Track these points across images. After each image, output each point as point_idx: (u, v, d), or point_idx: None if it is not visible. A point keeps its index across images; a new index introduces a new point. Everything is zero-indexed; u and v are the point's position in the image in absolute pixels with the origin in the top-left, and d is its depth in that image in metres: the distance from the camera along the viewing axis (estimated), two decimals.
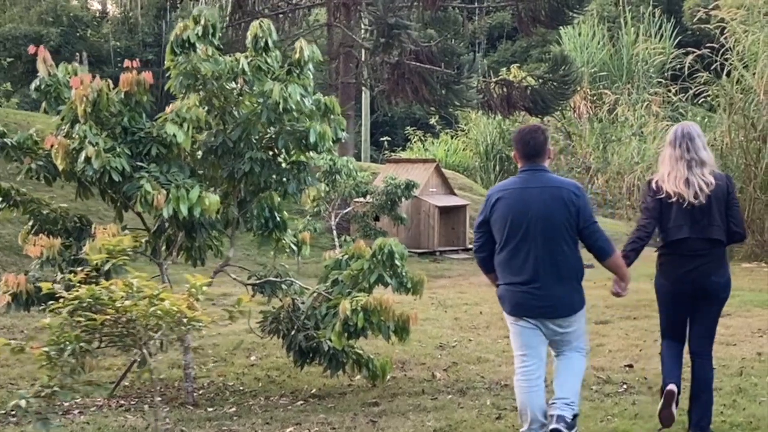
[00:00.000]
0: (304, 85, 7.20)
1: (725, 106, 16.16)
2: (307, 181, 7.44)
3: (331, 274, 7.39)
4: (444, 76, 19.84)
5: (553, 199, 5.46)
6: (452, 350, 9.19)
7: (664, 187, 5.78)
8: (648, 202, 5.94)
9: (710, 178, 5.72)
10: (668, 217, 5.78)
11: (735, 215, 5.85)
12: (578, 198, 5.47)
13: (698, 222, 5.72)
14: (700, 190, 5.69)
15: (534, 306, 5.48)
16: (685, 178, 5.73)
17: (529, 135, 5.65)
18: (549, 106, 23.27)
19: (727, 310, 10.83)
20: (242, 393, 7.87)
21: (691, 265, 5.75)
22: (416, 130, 34.76)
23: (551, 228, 5.42)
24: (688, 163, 5.76)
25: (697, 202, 5.68)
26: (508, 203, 5.55)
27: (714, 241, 5.75)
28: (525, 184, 5.58)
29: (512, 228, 5.49)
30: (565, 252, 5.44)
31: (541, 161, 5.63)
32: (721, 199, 5.76)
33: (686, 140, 5.81)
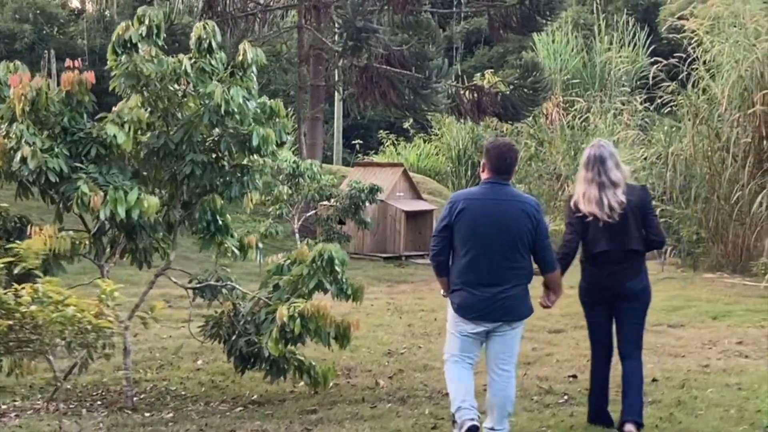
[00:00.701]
0: (247, 88, 7.13)
1: (690, 116, 16.17)
2: (250, 185, 7.36)
3: (272, 279, 7.31)
4: (412, 80, 19.78)
5: (516, 212, 5.83)
6: (400, 357, 9.12)
7: (580, 206, 6.16)
8: (571, 218, 6.28)
9: (621, 198, 6.06)
10: (588, 232, 6.16)
11: (652, 224, 6.26)
12: (538, 213, 5.88)
13: (617, 235, 6.08)
14: (611, 209, 6.05)
15: (491, 309, 5.78)
16: (598, 199, 6.08)
17: (507, 152, 5.98)
18: (519, 113, 23.24)
19: (680, 321, 10.93)
20: (183, 398, 7.78)
21: (609, 271, 6.16)
22: (389, 133, 34.63)
23: (512, 238, 5.79)
24: (600, 186, 6.10)
25: (612, 221, 6.03)
26: (474, 212, 5.85)
27: (632, 251, 6.15)
28: (491, 196, 5.90)
29: (476, 235, 5.81)
30: (522, 261, 5.85)
31: (509, 177, 5.99)
32: (638, 211, 6.14)
33: (597, 163, 6.14)
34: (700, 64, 16.82)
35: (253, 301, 7.26)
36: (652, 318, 10.91)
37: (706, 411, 6.63)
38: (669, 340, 9.72)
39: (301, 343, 6.96)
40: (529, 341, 9.93)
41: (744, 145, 14.77)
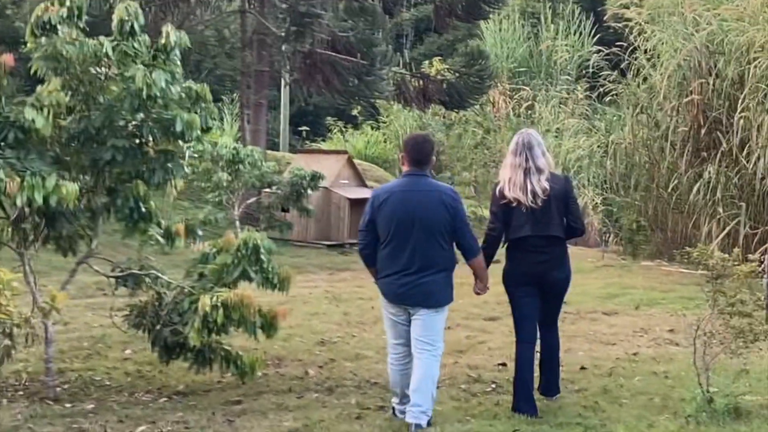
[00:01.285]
0: (171, 72, 6.97)
1: (630, 105, 16.23)
2: (174, 172, 7.20)
3: (197, 268, 7.18)
4: (356, 66, 19.67)
5: (433, 201, 6.12)
6: (333, 346, 9.03)
7: (505, 193, 6.41)
8: (495, 206, 6.55)
9: (545, 185, 6.33)
10: (511, 218, 6.42)
11: (573, 212, 6.59)
12: (455, 201, 6.16)
13: (539, 221, 6.36)
14: (535, 195, 6.31)
15: (412, 295, 6.13)
16: (523, 184, 6.34)
17: (423, 143, 6.37)
18: (465, 100, 23.31)
19: (613, 308, 10.96)
20: (107, 388, 7.61)
21: (535, 259, 6.44)
22: (337, 120, 34.46)
23: (431, 227, 6.08)
24: (525, 171, 6.37)
25: (535, 206, 6.31)
26: (393, 204, 6.15)
27: (553, 237, 6.44)
28: (409, 187, 6.20)
29: (397, 226, 6.10)
30: (442, 248, 6.13)
31: (426, 168, 6.30)
32: (560, 199, 6.43)
33: (526, 149, 6.42)
34: (641, 53, 16.87)
35: (176, 291, 7.10)
36: (587, 305, 11.02)
37: (630, 399, 6.63)
38: (601, 328, 9.74)
39: (225, 333, 6.84)
40: (464, 329, 9.92)
41: (682, 133, 14.86)
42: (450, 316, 10.49)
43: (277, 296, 11.91)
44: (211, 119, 7.35)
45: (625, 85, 16.64)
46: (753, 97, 13.34)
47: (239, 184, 16.13)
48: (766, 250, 12.49)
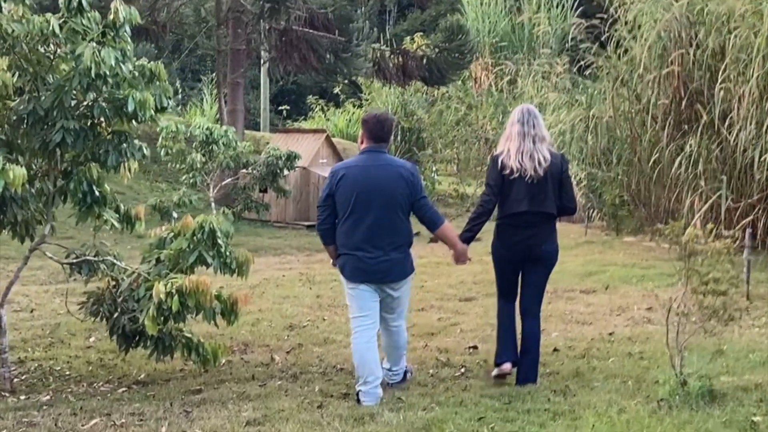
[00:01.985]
0: (122, 49, 6.67)
1: (611, 78, 15.91)
2: (128, 153, 6.91)
3: (154, 253, 6.90)
4: (333, 43, 19.35)
5: (394, 177, 6.25)
6: (302, 331, 8.79)
7: (508, 163, 6.42)
8: (492, 178, 6.56)
9: (547, 154, 6.44)
10: (509, 192, 6.44)
11: (568, 191, 6.60)
12: (413, 176, 6.30)
13: (536, 197, 6.41)
14: (539, 164, 6.37)
15: (374, 271, 6.24)
16: (532, 151, 6.40)
17: (383, 120, 6.43)
18: (445, 76, 23.04)
19: (593, 287, 10.73)
20: (66, 378, 7.38)
21: (525, 234, 6.49)
22: (319, 99, 34.11)
23: (390, 202, 6.21)
24: (533, 139, 6.44)
25: (536, 175, 6.36)
26: (352, 179, 6.26)
27: (548, 214, 6.52)
28: (368, 162, 6.32)
29: (356, 201, 6.21)
30: (402, 222, 6.29)
31: (386, 145, 6.42)
32: (556, 176, 6.47)
33: (532, 118, 6.51)
34: (622, 24, 16.56)
35: (132, 277, 6.83)
36: (565, 283, 10.78)
37: (603, 382, 6.39)
38: (578, 307, 9.51)
39: (182, 321, 6.58)
40: (438, 310, 9.70)
41: (663, 106, 14.56)
42: (424, 297, 10.35)
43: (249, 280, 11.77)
44: (166, 98, 7.05)
45: (606, 58, 16.31)
46: (734, 67, 13.03)
47: (214, 165, 15.84)
48: (748, 223, 12.26)
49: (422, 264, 12.91)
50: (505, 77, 27.89)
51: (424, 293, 10.67)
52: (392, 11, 50.23)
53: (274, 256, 15.27)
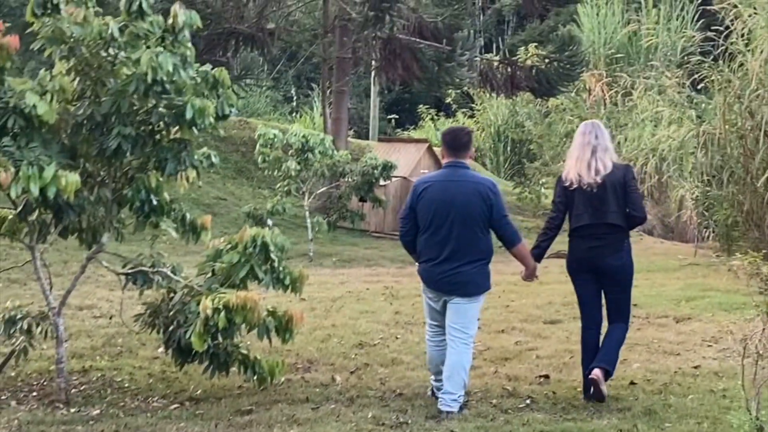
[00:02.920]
0: (182, 54, 6.47)
1: (722, 92, 15.10)
2: (186, 162, 6.70)
3: (208, 265, 6.67)
4: (437, 52, 19.01)
5: (471, 193, 6.39)
6: (371, 349, 8.45)
7: (569, 175, 6.61)
8: (557, 194, 6.79)
9: (608, 163, 6.54)
10: (573, 206, 6.61)
11: (634, 201, 6.60)
12: (493, 194, 6.41)
13: (597, 208, 6.52)
14: (596, 173, 6.50)
15: (447, 283, 6.40)
16: (588, 161, 6.55)
17: (460, 133, 6.70)
18: (554, 87, 22.50)
19: (689, 313, 10.09)
20: (125, 391, 7.20)
21: (589, 246, 6.58)
22: (430, 108, 33.81)
23: (468, 217, 6.33)
24: (594, 148, 6.58)
25: (594, 184, 6.48)
26: (432, 193, 6.47)
27: (611, 225, 6.53)
28: (449, 178, 6.50)
29: (436, 214, 6.40)
30: (480, 238, 6.40)
31: (464, 157, 6.56)
32: (618, 186, 6.53)
33: (595, 129, 6.70)
34: (738, 36, 15.77)
35: (185, 290, 6.61)
36: (659, 309, 10.19)
37: (675, 423, 5.86)
38: (668, 335, 8.92)
39: (230, 337, 6.33)
40: (519, 333, 9.25)
41: None
42: (507, 318, 9.91)
43: (331, 293, 11.51)
44: (229, 106, 6.82)
45: (718, 72, 15.51)
46: None
47: (309, 174, 15.67)
48: None
49: (512, 281, 12.47)
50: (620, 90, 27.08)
51: (508, 313, 10.23)
52: (511, 21, 49.69)
53: (366, 267, 15.01)
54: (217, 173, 21.29)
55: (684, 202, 19.00)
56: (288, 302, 10.78)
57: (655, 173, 23.23)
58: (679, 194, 19.27)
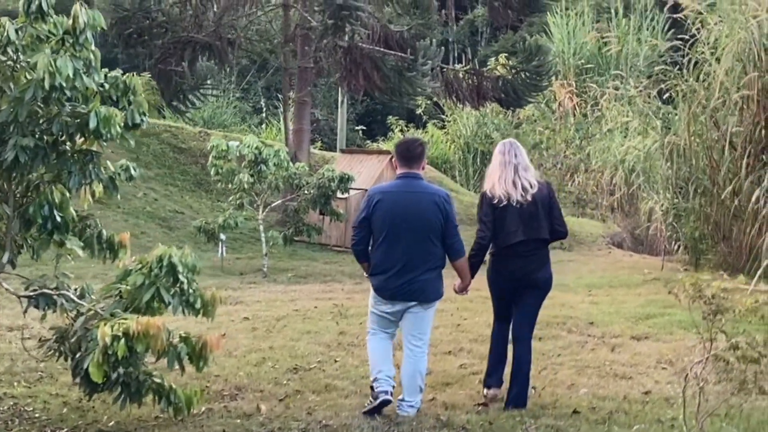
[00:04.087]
0: (85, 59, 5.96)
1: (686, 102, 14.68)
2: (92, 175, 6.18)
3: (114, 288, 6.14)
4: (398, 62, 18.53)
5: (428, 203, 6.51)
6: (306, 374, 7.92)
7: (495, 192, 6.72)
8: (484, 213, 6.80)
9: (534, 181, 6.78)
10: (502, 223, 6.71)
11: (557, 216, 6.88)
12: (448, 205, 6.55)
13: (529, 224, 6.70)
14: (525, 190, 6.68)
15: (404, 292, 6.49)
16: (513, 179, 6.71)
17: (412, 144, 6.77)
18: (521, 98, 22.05)
19: (646, 332, 9.63)
20: (33, 421, 6.65)
21: (521, 262, 6.76)
22: (399, 120, 33.33)
23: (425, 227, 6.48)
24: (515, 167, 6.75)
25: (524, 201, 6.66)
26: (389, 204, 6.55)
27: (542, 240, 6.80)
28: (404, 188, 6.59)
29: (392, 225, 6.48)
30: (435, 247, 6.54)
31: (417, 168, 6.66)
32: (544, 202, 6.77)
33: (514, 148, 6.88)
34: (705, 45, 15.39)
35: (88, 314, 6.07)
36: (616, 327, 9.73)
37: None
38: (622, 357, 8.45)
39: (132, 366, 5.80)
40: (466, 355, 8.75)
41: (741, 133, 13.36)
42: (456, 338, 9.42)
43: (276, 311, 11.00)
44: (140, 114, 6.32)
45: (683, 81, 15.11)
46: None
47: (263, 186, 15.14)
48: None
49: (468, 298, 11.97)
50: (589, 100, 26.77)
51: (458, 333, 9.75)
52: (484, 32, 49.35)
53: (321, 283, 14.49)
54: (175, 186, 20.76)
55: (653, 213, 18.63)
56: (231, 321, 10.35)
57: (624, 184, 22.92)
58: (648, 206, 18.90)
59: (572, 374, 7.81)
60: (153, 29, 18.33)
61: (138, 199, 19.13)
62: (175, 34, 18.88)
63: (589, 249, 21.81)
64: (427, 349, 6.70)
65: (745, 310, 4.80)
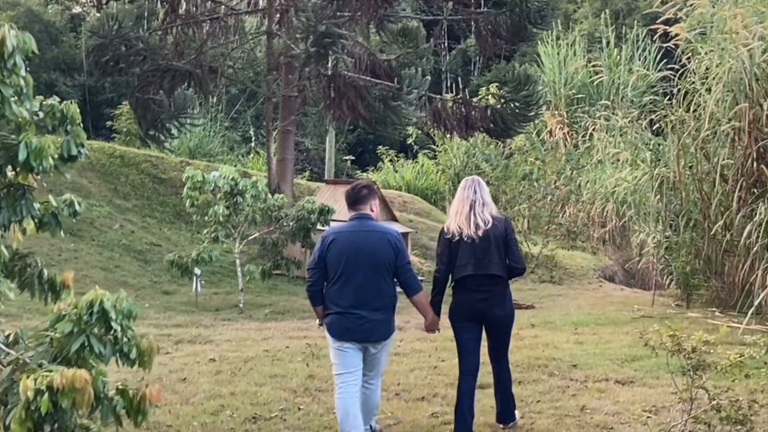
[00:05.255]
0: (15, 85, 5.48)
1: (676, 133, 14.18)
2: (23, 211, 5.69)
3: (41, 335, 5.61)
4: (383, 91, 18.08)
5: (380, 241, 6.69)
6: (265, 424, 7.40)
7: (450, 228, 6.97)
8: (441, 248, 7.07)
9: (488, 217, 6.90)
10: (455, 257, 6.89)
11: (513, 252, 6.98)
12: (398, 242, 6.75)
13: (480, 260, 6.82)
14: (477, 226, 6.83)
15: (359, 330, 6.60)
16: (468, 214, 6.89)
17: (357, 189, 6.93)
18: (510, 128, 21.59)
19: (632, 376, 9.09)
20: None
21: (475, 297, 6.89)
22: (389, 149, 32.89)
23: (376, 265, 6.61)
24: (472, 203, 6.93)
25: (476, 236, 6.81)
26: (343, 243, 6.69)
27: (494, 276, 6.86)
28: (357, 228, 6.78)
29: (347, 264, 6.60)
30: (386, 286, 6.69)
31: (366, 209, 6.85)
32: (500, 238, 6.88)
33: (475, 184, 7.05)
34: (695, 75, 14.96)
35: (18, 363, 5.55)
36: (600, 370, 9.20)
37: None
38: (604, 404, 7.91)
39: (59, 423, 5.28)
40: (440, 401, 8.22)
41: (732, 166, 12.90)
42: (432, 382, 8.90)
43: (247, 351, 10.48)
44: (77, 146, 5.83)
45: (672, 111, 14.65)
46: None
47: (240, 219, 14.63)
48: None
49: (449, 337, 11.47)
50: (580, 131, 26.33)
51: (434, 376, 9.23)
52: (477, 62, 49.15)
53: (299, 319, 13.95)
54: (153, 217, 20.26)
55: (644, 246, 18.15)
56: (196, 363, 9.82)
57: (615, 216, 22.42)
58: (639, 239, 18.41)
59: (550, 424, 7.30)
60: (131, 56, 17.85)
61: (114, 231, 18.61)
62: (155, 62, 18.41)
63: (580, 283, 21.33)
64: (379, 382, 7.03)
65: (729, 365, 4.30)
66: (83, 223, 18.34)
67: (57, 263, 15.74)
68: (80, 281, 15.17)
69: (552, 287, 20.42)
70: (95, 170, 20.95)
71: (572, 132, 27.68)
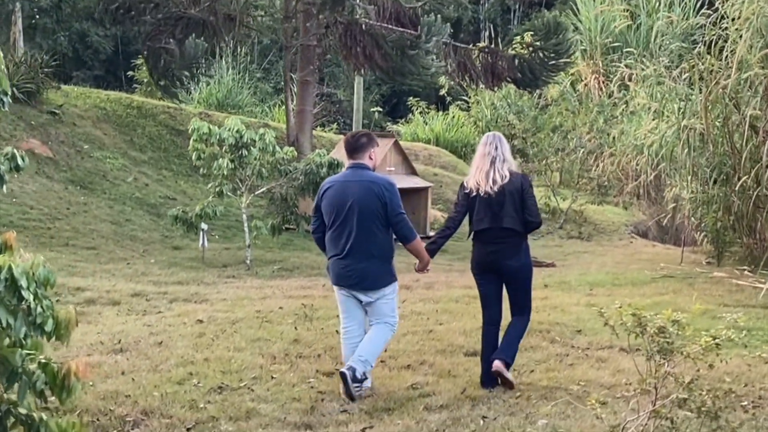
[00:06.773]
0: None
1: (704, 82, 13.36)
2: None
3: None
4: (401, 39, 17.36)
5: (366, 191, 6.79)
6: (230, 395, 6.86)
7: (469, 183, 7.13)
8: (459, 197, 7.32)
9: (506, 172, 7.00)
10: (473, 211, 7.10)
11: (529, 207, 7.05)
12: (388, 192, 6.82)
13: (496, 215, 7.00)
14: (494, 182, 6.97)
15: (347, 277, 6.87)
16: (486, 171, 7.01)
17: (355, 135, 7.15)
18: (538, 78, 20.89)
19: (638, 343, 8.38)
20: None
21: (490, 249, 7.08)
22: (420, 101, 32.12)
23: (365, 214, 6.77)
24: (492, 159, 7.03)
25: (492, 192, 6.95)
26: (334, 192, 6.91)
27: (507, 229, 7.01)
28: (349, 178, 6.94)
29: (337, 213, 6.85)
30: (377, 235, 6.82)
31: (363, 158, 7.00)
32: (516, 193, 6.99)
33: (495, 140, 7.13)
34: (729, 21, 14.09)
35: None
36: (604, 338, 8.58)
37: None
38: (602, 375, 7.27)
39: None
40: (426, 370, 7.66)
41: (762, 117, 12.09)
42: (422, 348, 8.31)
43: (239, 311, 9.98)
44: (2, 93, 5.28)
45: (701, 59, 13.80)
46: None
47: (247, 173, 14.09)
48: None
49: (454, 297, 10.90)
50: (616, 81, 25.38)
51: (427, 341, 8.66)
52: (516, 11, 48.07)
53: (306, 277, 13.43)
54: (169, 170, 19.79)
55: (679, 201, 17.36)
56: (182, 324, 9.35)
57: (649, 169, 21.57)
58: (673, 193, 17.61)
59: (538, 398, 6.71)
60: (141, 4, 17.29)
61: (127, 184, 18.16)
62: (168, 9, 17.84)
63: (609, 239, 20.63)
64: (393, 326, 7.02)
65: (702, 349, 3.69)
66: (95, 175, 17.93)
67: (64, 217, 15.34)
68: (87, 235, 14.80)
69: (579, 244, 19.72)
70: (111, 121, 20.47)
71: (607, 82, 26.71)
